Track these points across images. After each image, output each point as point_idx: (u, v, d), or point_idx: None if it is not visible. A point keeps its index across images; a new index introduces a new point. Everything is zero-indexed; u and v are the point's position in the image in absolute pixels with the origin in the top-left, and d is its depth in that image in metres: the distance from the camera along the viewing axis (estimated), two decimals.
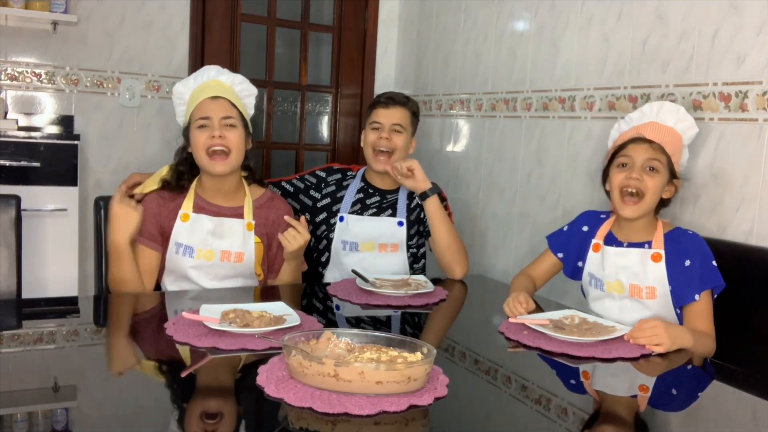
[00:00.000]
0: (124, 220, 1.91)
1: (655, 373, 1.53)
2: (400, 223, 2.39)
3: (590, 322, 1.70)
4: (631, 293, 1.85)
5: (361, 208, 2.42)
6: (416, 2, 3.80)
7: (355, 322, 1.78)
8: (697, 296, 1.78)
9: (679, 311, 1.82)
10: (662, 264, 1.81)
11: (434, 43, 3.62)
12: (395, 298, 1.93)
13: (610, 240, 1.93)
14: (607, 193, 1.93)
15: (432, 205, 2.33)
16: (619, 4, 2.47)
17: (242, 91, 2.13)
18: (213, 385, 1.31)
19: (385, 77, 4.02)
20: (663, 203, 1.92)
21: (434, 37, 3.63)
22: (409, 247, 2.42)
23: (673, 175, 1.89)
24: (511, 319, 1.72)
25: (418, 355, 1.25)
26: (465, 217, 3.22)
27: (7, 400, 1.15)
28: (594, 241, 1.96)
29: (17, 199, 2.07)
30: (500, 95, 3.11)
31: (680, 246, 1.82)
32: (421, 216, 2.43)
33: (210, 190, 2.07)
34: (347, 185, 2.46)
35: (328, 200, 2.44)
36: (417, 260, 2.47)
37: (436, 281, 2.24)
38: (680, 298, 1.80)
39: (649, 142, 1.86)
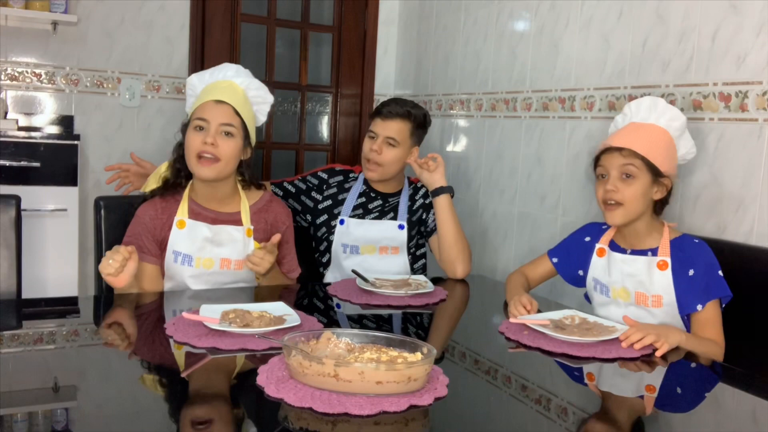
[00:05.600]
0: (115, 280, 1.84)
1: (658, 373, 1.53)
2: (401, 227, 2.39)
3: (590, 322, 1.70)
4: (637, 301, 1.83)
5: (363, 212, 2.41)
6: (416, 2, 3.80)
7: (357, 321, 1.79)
8: (699, 306, 1.76)
9: (686, 318, 1.82)
10: (668, 272, 1.79)
11: (434, 43, 3.62)
12: (395, 298, 1.93)
13: (613, 248, 1.91)
14: None
15: (443, 201, 2.33)
16: (619, 4, 2.47)
17: (256, 98, 2.07)
18: (213, 385, 1.31)
19: (385, 77, 4.03)
20: (662, 203, 1.88)
21: (434, 37, 3.63)
22: (409, 248, 2.42)
23: (659, 174, 1.83)
24: (512, 320, 1.72)
25: (418, 355, 1.25)
26: (465, 217, 3.22)
27: (7, 400, 1.15)
28: (598, 246, 1.94)
29: (17, 199, 2.07)
30: (500, 95, 3.11)
31: (685, 255, 1.80)
32: (423, 217, 2.43)
33: (203, 195, 2.03)
34: (349, 188, 2.45)
35: (329, 202, 2.44)
36: (416, 260, 2.47)
37: (436, 281, 2.25)
38: (683, 308, 1.79)
39: (619, 150, 1.82)
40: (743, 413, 1.39)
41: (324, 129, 4.18)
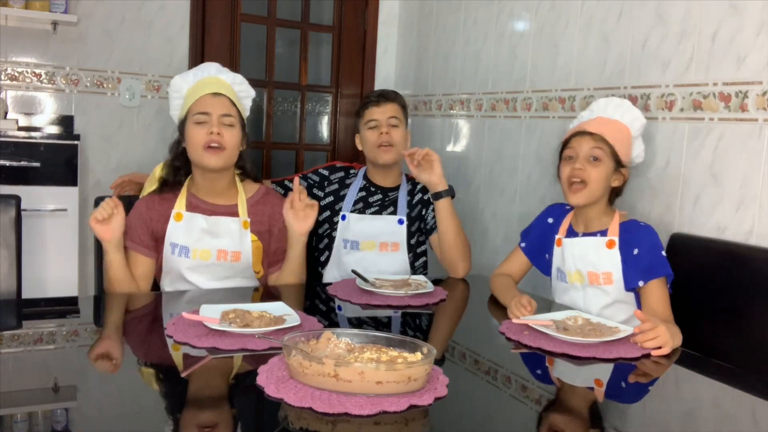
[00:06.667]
0: (104, 231, 1.89)
1: (659, 373, 1.53)
2: (401, 221, 2.40)
3: (594, 323, 1.69)
4: (590, 281, 1.93)
5: (363, 206, 2.42)
6: (416, 2, 3.80)
7: (356, 322, 1.79)
8: (641, 283, 1.85)
9: (635, 293, 1.90)
10: (616, 250, 1.89)
11: (434, 43, 3.62)
12: (395, 298, 1.93)
13: (570, 233, 2.02)
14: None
15: (444, 205, 2.31)
16: (619, 4, 2.47)
17: (241, 92, 2.11)
18: (213, 386, 1.31)
19: (385, 77, 4.02)
20: (616, 193, 2.00)
21: (434, 37, 3.63)
22: (409, 246, 2.42)
23: (619, 164, 1.96)
24: (514, 320, 1.72)
25: (418, 355, 1.25)
26: (465, 217, 3.21)
27: (7, 400, 1.15)
28: (557, 236, 2.04)
29: (17, 199, 2.07)
30: (500, 95, 3.11)
31: (631, 236, 1.90)
32: (423, 213, 2.44)
33: (203, 188, 2.05)
34: (350, 184, 2.47)
35: (331, 198, 2.45)
36: (417, 258, 2.47)
37: (436, 281, 2.24)
38: (627, 283, 1.88)
39: (591, 134, 1.95)
40: (743, 413, 1.39)
41: (324, 129, 4.19)
